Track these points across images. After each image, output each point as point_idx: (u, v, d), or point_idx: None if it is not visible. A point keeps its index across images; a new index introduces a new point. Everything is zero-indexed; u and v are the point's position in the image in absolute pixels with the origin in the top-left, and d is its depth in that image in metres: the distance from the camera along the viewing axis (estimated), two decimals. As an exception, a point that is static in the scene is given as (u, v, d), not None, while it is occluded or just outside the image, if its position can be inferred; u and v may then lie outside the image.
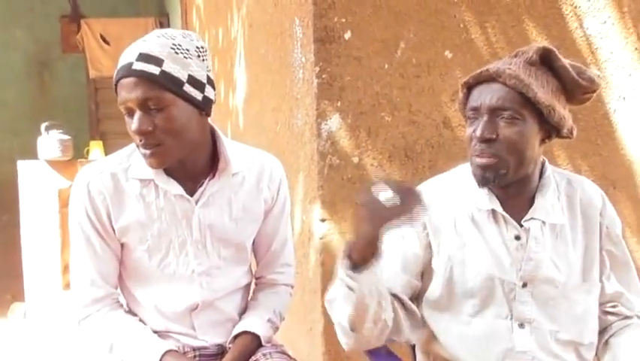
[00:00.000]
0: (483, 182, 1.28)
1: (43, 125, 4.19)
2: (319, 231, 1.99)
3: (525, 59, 1.28)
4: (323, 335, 2.00)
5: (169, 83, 1.28)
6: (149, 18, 6.27)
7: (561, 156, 2.18)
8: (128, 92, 1.27)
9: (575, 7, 2.15)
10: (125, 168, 1.40)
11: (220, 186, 1.42)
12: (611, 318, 1.37)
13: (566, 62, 1.29)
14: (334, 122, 1.98)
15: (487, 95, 1.26)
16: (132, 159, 1.41)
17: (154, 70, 1.27)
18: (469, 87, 1.32)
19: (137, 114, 1.28)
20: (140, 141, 1.30)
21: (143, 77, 1.27)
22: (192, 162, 1.39)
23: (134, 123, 1.28)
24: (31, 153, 4.25)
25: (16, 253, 4.13)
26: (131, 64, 1.27)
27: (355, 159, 2.00)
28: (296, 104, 2.12)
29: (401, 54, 2.02)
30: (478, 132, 1.25)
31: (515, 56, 1.32)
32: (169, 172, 1.38)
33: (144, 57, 1.27)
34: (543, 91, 1.25)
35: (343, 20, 1.96)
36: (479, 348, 1.29)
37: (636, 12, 2.20)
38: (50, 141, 4.11)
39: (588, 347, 1.33)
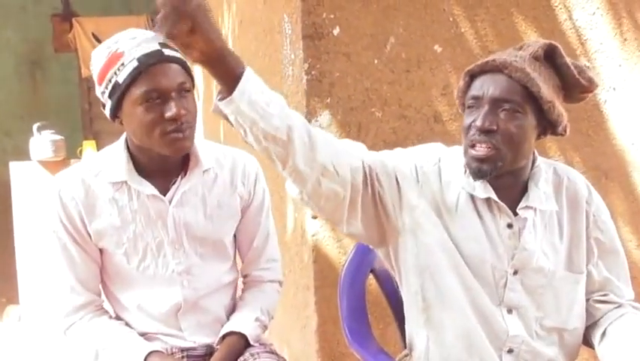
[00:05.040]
0: (479, 174, 1.27)
1: (35, 126, 4.17)
2: (311, 228, 1.99)
3: (530, 53, 1.28)
4: (317, 332, 2.00)
5: (189, 68, 1.34)
6: (140, 16, 6.23)
7: (553, 148, 2.18)
8: (168, 78, 1.29)
9: (564, -2, 2.15)
10: (95, 173, 1.39)
11: (192, 184, 1.42)
12: (603, 307, 1.38)
13: (568, 60, 1.30)
14: (324, 119, 1.97)
15: (490, 86, 1.26)
16: (104, 163, 1.41)
17: (182, 56, 1.31)
18: (472, 76, 1.31)
19: (174, 99, 1.29)
20: (181, 124, 1.30)
21: (179, 63, 1.32)
22: (170, 159, 1.39)
23: (172, 108, 1.29)
24: (23, 154, 4.23)
25: (10, 256, 4.12)
26: (159, 51, 1.30)
27: (346, 156, 1.99)
28: (286, 101, 2.11)
29: (390, 49, 2.02)
30: (479, 122, 1.24)
31: (520, 48, 1.32)
32: (142, 172, 1.39)
33: (166, 45, 1.30)
34: (545, 87, 1.26)
35: (332, 16, 1.95)
36: (476, 336, 1.29)
37: (624, 3, 2.20)
38: (42, 142, 4.08)
39: (572, 332, 1.35)
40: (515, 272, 1.31)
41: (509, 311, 1.31)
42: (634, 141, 2.24)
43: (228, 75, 1.07)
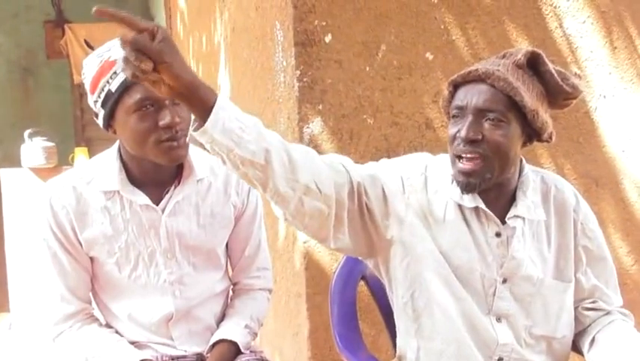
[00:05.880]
0: (467, 188, 1.27)
1: (26, 133, 4.15)
2: (303, 235, 1.98)
3: (513, 61, 1.27)
4: (309, 339, 1.99)
5: None
6: (133, 23, 6.24)
7: (544, 155, 2.19)
8: None
9: (555, 7, 2.17)
10: (87, 181, 1.38)
11: (186, 193, 1.41)
12: (592, 315, 1.38)
13: (552, 66, 1.29)
14: (316, 126, 1.97)
15: (474, 96, 1.25)
16: (96, 171, 1.39)
17: None
18: (456, 86, 1.30)
19: (168, 107, 1.28)
20: (175, 132, 1.29)
21: None
22: (164, 168, 1.38)
23: (166, 117, 1.28)
24: (14, 161, 4.21)
25: (1, 263, 4.09)
26: None
27: (338, 162, 1.99)
28: (278, 108, 2.12)
29: (382, 56, 2.02)
30: (463, 133, 1.23)
31: (503, 56, 1.31)
32: (134, 182, 1.38)
33: None
34: (529, 95, 1.25)
35: (324, 23, 1.96)
36: (465, 345, 1.30)
37: (614, 12, 2.22)
38: (34, 149, 4.07)
39: (560, 340, 1.36)
40: (504, 281, 1.31)
41: (498, 320, 1.31)
42: (624, 149, 2.25)
43: (201, 105, 1.05)
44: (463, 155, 1.25)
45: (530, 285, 1.32)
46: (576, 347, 1.40)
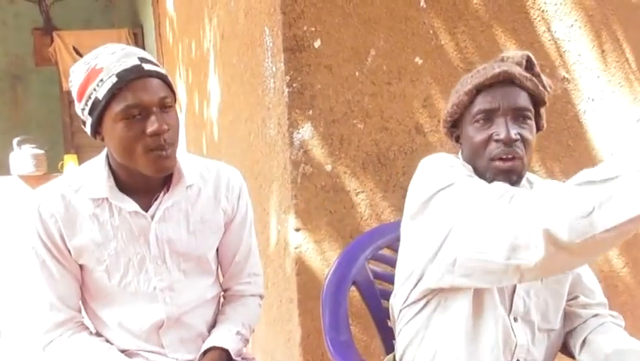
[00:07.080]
0: None
1: (15, 140, 4.13)
2: (294, 240, 1.98)
3: (517, 63, 1.31)
4: (301, 345, 1.99)
5: (171, 83, 1.33)
6: (122, 29, 6.25)
7: (534, 159, 2.20)
8: (148, 93, 1.26)
9: (542, 11, 2.18)
10: (75, 189, 1.37)
11: (175, 200, 1.40)
12: (580, 312, 1.40)
13: (538, 69, 1.33)
14: (306, 131, 1.97)
15: (508, 97, 1.27)
16: (84, 178, 1.38)
17: (162, 70, 1.31)
18: (478, 90, 1.30)
19: (156, 114, 1.27)
20: (163, 140, 1.28)
21: (159, 77, 1.30)
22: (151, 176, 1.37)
23: (154, 124, 1.26)
24: (3, 169, 4.19)
25: (-11, 271, 4.06)
26: (139, 66, 1.27)
27: (328, 167, 1.99)
28: (268, 113, 2.11)
29: (371, 61, 2.03)
30: (504, 135, 1.25)
31: (502, 60, 1.34)
32: (123, 188, 1.37)
33: (146, 60, 1.30)
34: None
35: (313, 29, 1.96)
36: (486, 347, 1.27)
37: (601, 15, 2.24)
38: (23, 156, 4.06)
39: (557, 332, 1.37)
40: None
41: (515, 320, 1.31)
42: (613, 151, 2.26)
43: None
44: (504, 156, 1.26)
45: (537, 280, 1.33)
46: (565, 348, 1.41)
